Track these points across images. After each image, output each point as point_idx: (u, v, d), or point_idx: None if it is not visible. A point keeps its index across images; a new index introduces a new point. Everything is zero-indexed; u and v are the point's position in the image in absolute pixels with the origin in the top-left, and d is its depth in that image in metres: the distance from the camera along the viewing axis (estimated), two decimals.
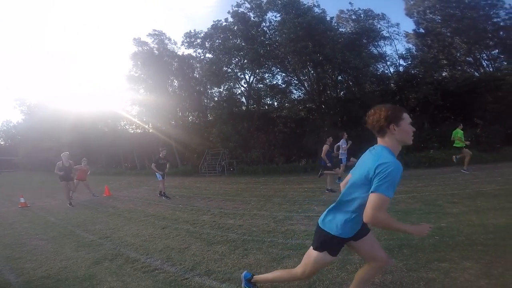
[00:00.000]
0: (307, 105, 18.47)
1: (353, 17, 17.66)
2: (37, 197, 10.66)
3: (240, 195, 8.24)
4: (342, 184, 2.07)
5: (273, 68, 17.59)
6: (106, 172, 23.58)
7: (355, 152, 14.80)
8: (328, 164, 7.37)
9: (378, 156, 1.60)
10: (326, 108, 16.61)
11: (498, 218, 3.90)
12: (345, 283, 2.54)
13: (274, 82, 18.67)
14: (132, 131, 25.66)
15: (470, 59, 19.42)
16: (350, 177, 1.91)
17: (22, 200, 8.65)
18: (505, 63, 17.18)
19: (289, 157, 18.65)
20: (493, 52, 18.73)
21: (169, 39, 21.75)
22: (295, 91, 18.82)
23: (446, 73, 17.69)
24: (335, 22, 16.83)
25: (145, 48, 20.90)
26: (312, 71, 15.29)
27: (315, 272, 2.07)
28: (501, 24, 17.99)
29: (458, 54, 19.26)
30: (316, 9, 15.29)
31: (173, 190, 10.13)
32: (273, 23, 16.53)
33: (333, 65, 13.55)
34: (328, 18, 15.47)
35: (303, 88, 17.59)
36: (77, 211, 7.39)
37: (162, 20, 46.87)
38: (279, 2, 14.84)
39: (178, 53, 21.67)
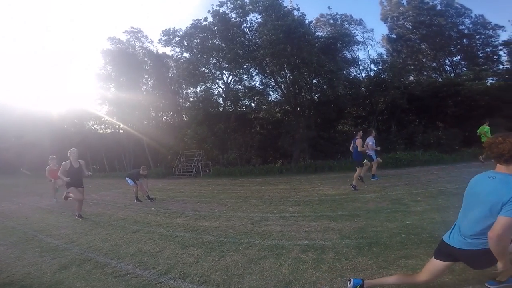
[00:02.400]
0: (283, 107, 18.74)
1: (331, 21, 18.30)
2: None
3: (216, 197, 8.15)
4: None
5: (252, 70, 17.60)
6: None
7: (331, 154, 15.38)
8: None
9: (509, 184, 1.71)
10: (301, 110, 16.96)
11: (457, 216, 4.20)
12: (320, 282, 2.59)
13: (252, 84, 18.73)
14: (101, 131, 24.43)
15: (435, 64, 20.90)
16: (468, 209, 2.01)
17: None
18: (465, 69, 18.66)
19: (266, 159, 18.81)
20: (455, 59, 20.31)
21: (146, 37, 21.17)
22: (272, 93, 19.03)
23: (412, 78, 18.83)
24: (313, 26, 17.28)
25: (119, 45, 20.13)
26: (289, 74, 15.53)
27: None
28: (465, 32, 19.56)
29: (425, 60, 20.65)
30: (296, 13, 15.57)
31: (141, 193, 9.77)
32: (253, 24, 16.60)
33: (309, 68, 13.85)
34: (306, 22, 15.81)
35: (279, 90, 17.80)
36: (39, 216, 6.89)
37: (139, 17, 45.18)
38: (261, 3, 14.90)
39: (154, 51, 21.09)
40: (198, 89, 19.76)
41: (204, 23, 16.64)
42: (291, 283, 2.63)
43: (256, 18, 16.31)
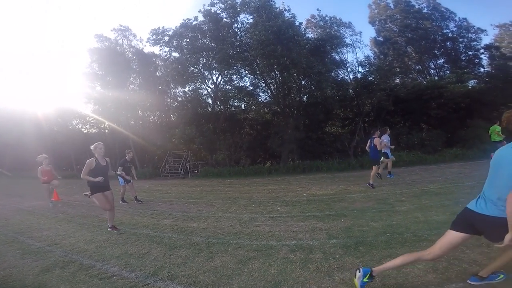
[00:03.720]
0: (273, 108, 18.83)
1: (321, 23, 18.52)
2: None
3: (204, 198, 8.09)
4: None
5: (242, 70, 17.56)
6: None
7: (318, 155, 15.57)
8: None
9: None
10: (290, 111, 17.08)
11: (439, 215, 4.37)
12: (308, 282, 2.62)
13: (242, 84, 18.71)
14: (86, 131, 23.81)
15: (420, 67, 21.53)
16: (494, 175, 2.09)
17: None
18: (449, 72, 19.30)
19: (255, 159, 18.83)
20: (439, 62, 21.00)
21: (134, 36, 20.81)
22: (261, 94, 19.09)
23: (398, 80, 19.31)
24: (303, 27, 17.42)
25: (107, 43, 19.70)
26: (278, 75, 15.61)
27: None
28: (449, 35, 20.24)
29: (410, 63, 21.24)
30: (287, 14, 15.65)
31: (131, 194, 9.60)
32: (244, 25, 16.59)
33: (298, 69, 13.96)
34: (297, 23, 15.91)
35: (269, 91, 17.87)
36: (20, 218, 6.66)
37: (129, 16, 44.19)
38: (253, 4, 14.91)
39: (143, 50, 20.79)
40: (186, 89, 19.61)
41: (194, 22, 16.54)
42: (280, 283, 2.65)
43: (247, 19, 16.35)
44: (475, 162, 10.99)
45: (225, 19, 16.11)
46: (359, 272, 2.34)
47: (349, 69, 18.84)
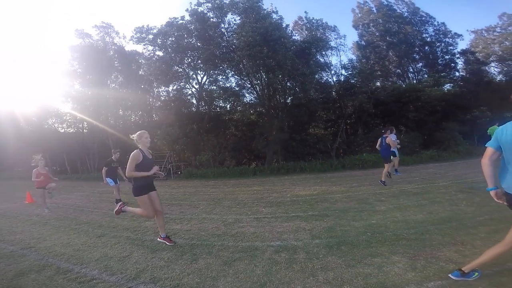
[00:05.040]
0: (258, 109, 18.86)
1: (308, 25, 18.79)
2: None
3: (187, 199, 7.98)
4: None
5: (228, 71, 17.47)
6: (29, 176, 20.39)
7: (302, 156, 15.77)
8: (395, 155, 7.82)
9: None
10: (274, 112, 17.20)
11: (417, 214, 4.57)
12: (293, 282, 2.66)
13: (228, 85, 18.60)
14: (63, 131, 22.82)
15: (399, 71, 22.34)
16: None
17: None
18: (426, 76, 20.15)
19: (240, 160, 18.79)
20: (418, 65, 21.88)
21: (117, 33, 20.31)
22: (247, 95, 19.05)
23: (379, 84, 19.94)
24: (290, 29, 17.61)
25: (87, 40, 19.08)
26: (264, 76, 15.67)
27: None
28: (428, 40, 21.13)
29: (390, 66, 22.00)
30: (274, 15, 15.74)
31: (111, 196, 9.29)
32: (232, 25, 16.54)
33: (283, 71, 14.07)
34: (284, 25, 16.06)
35: (254, 92, 17.89)
36: None
37: (111, 13, 42.81)
38: (241, 5, 14.89)
39: (125, 48, 20.30)
40: (170, 88, 19.32)
41: (180, 21, 16.31)
42: (265, 284, 2.67)
43: (235, 20, 16.34)
44: (449, 163, 11.56)
45: (212, 19, 16.00)
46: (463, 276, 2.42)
47: (332, 72, 19.31)
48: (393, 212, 4.84)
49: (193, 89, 18.97)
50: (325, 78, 18.91)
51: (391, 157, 8.06)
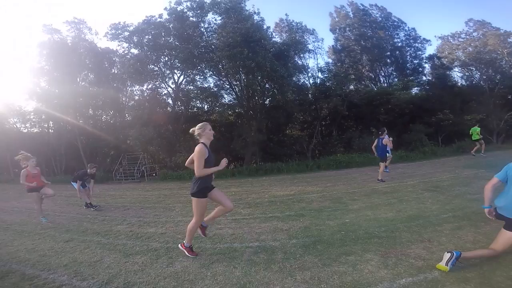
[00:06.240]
0: (237, 110, 18.79)
1: (287, 28, 19.05)
2: None
3: (162, 202, 7.78)
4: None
5: (206, 71, 17.18)
6: None
7: (279, 157, 15.96)
8: (389, 155, 8.11)
9: None
10: (253, 113, 17.25)
11: (387, 213, 4.81)
12: (272, 283, 2.69)
13: (206, 85, 18.33)
14: (26, 130, 21.25)
15: (372, 75, 23.32)
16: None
17: None
18: (396, 80, 21.20)
19: (218, 161, 18.59)
20: (389, 69, 22.97)
21: (90, 29, 19.28)
22: (226, 96, 18.87)
23: (352, 87, 20.67)
24: (271, 31, 17.68)
25: (57, 36, 18.00)
26: (243, 77, 15.61)
27: None
28: (399, 44, 22.23)
29: (364, 70, 22.90)
30: (256, 17, 15.72)
31: (79, 199, 8.84)
32: (212, 25, 16.31)
33: (262, 72, 14.12)
34: (265, 27, 16.12)
35: (233, 93, 17.79)
36: None
37: (86, 9, 40.41)
38: (223, 5, 14.71)
39: (98, 45, 19.39)
40: (144, 88, 18.67)
41: (158, 19, 15.83)
42: (245, 285, 2.68)
43: (216, 19, 16.15)
44: (416, 163, 12.29)
45: (191, 18, 15.70)
46: (453, 256, 2.58)
47: (309, 74, 19.77)
48: (365, 210, 5.06)
49: (169, 89, 18.52)
50: (302, 81, 19.27)
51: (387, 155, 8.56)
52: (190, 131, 3.55)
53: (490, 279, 2.42)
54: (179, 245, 3.63)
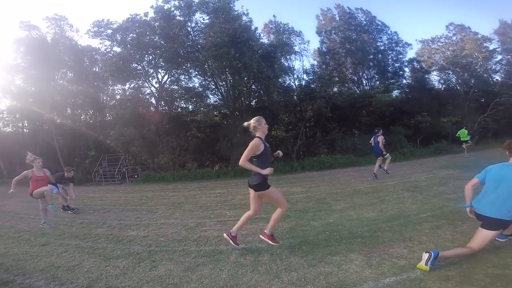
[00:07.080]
0: (222, 111, 18.66)
1: (275, 29, 19.13)
2: None
3: (144, 204, 7.59)
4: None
5: (191, 70, 16.96)
6: None
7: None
8: (384, 153, 8.37)
9: None
10: (239, 114, 17.21)
11: (369, 212, 4.93)
12: (259, 285, 2.68)
13: (191, 85, 18.09)
14: None
15: (355, 77, 23.88)
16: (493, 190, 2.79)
17: None
18: (378, 83, 21.81)
19: (202, 163, 18.38)
20: (371, 72, 23.60)
21: (71, 26, 18.62)
22: (211, 96, 18.71)
23: (336, 89, 21.10)
24: (258, 32, 17.68)
25: (35, 33, 17.28)
26: (230, 78, 15.52)
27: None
28: (381, 48, 22.85)
29: (347, 73, 23.42)
30: (244, 18, 15.68)
31: (55, 201, 8.45)
32: (199, 24, 16.10)
33: (249, 73, 14.10)
34: (253, 28, 16.09)
35: (219, 94, 17.66)
36: None
37: (70, 6, 38.46)
38: (211, 5, 14.56)
39: (79, 42, 18.73)
40: (127, 87, 18.19)
41: (144, 18, 15.46)
42: (232, 287, 2.66)
43: (203, 19, 15.98)
44: (395, 164, 12.67)
45: (178, 17, 15.44)
46: (431, 256, 2.66)
47: (295, 76, 19.99)
48: (348, 211, 5.16)
49: (153, 88, 18.15)
50: (287, 82, 19.48)
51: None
52: (245, 124, 3.53)
53: (470, 277, 2.51)
54: (260, 235, 3.61)
